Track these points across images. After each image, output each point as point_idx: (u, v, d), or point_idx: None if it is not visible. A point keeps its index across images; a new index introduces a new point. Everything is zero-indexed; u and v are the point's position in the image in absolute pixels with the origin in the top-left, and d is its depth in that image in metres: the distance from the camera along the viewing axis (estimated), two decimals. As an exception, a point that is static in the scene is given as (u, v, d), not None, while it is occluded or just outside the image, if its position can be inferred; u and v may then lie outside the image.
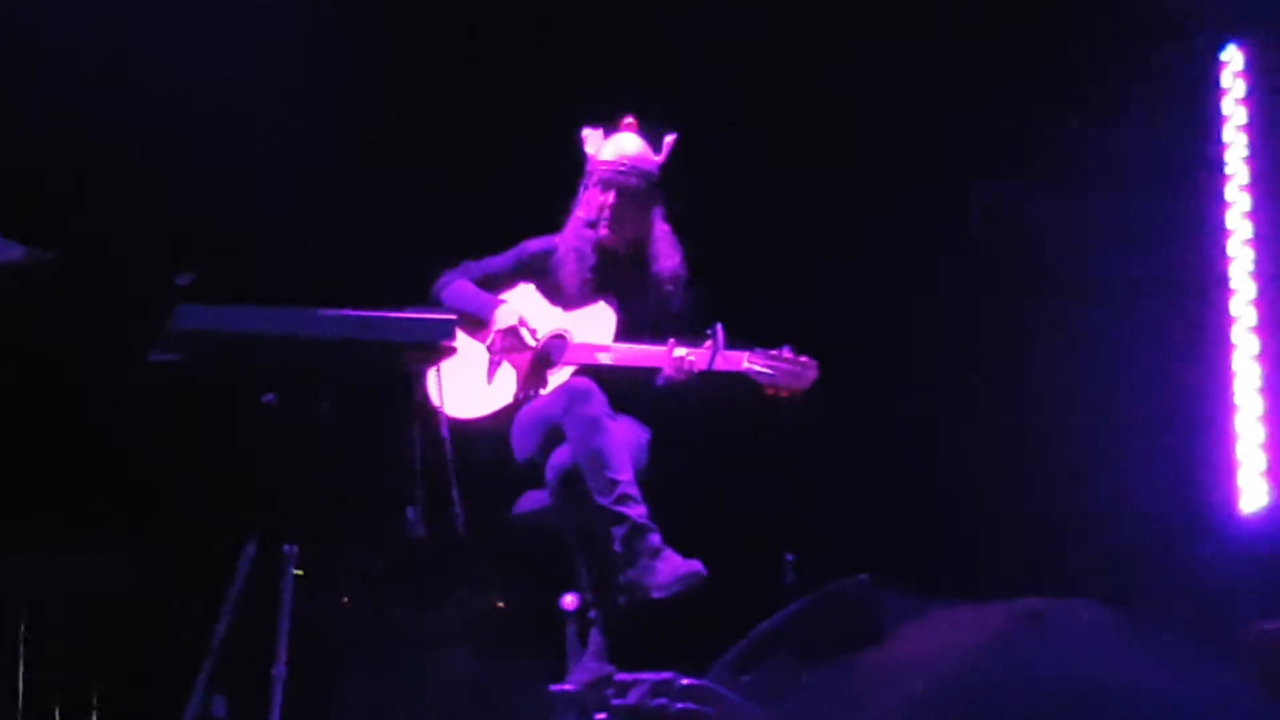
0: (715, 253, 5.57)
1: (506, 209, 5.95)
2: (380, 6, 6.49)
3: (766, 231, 6.58)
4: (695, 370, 5.19)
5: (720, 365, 5.19)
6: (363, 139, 6.37)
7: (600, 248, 5.46)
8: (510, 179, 6.31)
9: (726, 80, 6.50)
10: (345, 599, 5.04)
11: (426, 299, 5.43)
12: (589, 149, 5.50)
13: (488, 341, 5.39)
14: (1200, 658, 3.91)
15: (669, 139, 5.49)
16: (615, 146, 5.49)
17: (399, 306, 4.92)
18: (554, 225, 5.53)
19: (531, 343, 5.38)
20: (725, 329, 5.18)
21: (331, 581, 4.88)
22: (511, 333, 5.37)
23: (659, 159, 5.49)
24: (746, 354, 5.21)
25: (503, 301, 5.43)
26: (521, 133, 6.30)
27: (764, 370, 5.19)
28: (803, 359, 5.21)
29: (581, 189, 5.50)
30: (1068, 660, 3.92)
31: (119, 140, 6.06)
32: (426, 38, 6.50)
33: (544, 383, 5.36)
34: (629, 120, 5.52)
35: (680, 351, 5.20)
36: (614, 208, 5.43)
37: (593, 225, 5.45)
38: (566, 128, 5.57)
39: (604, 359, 5.29)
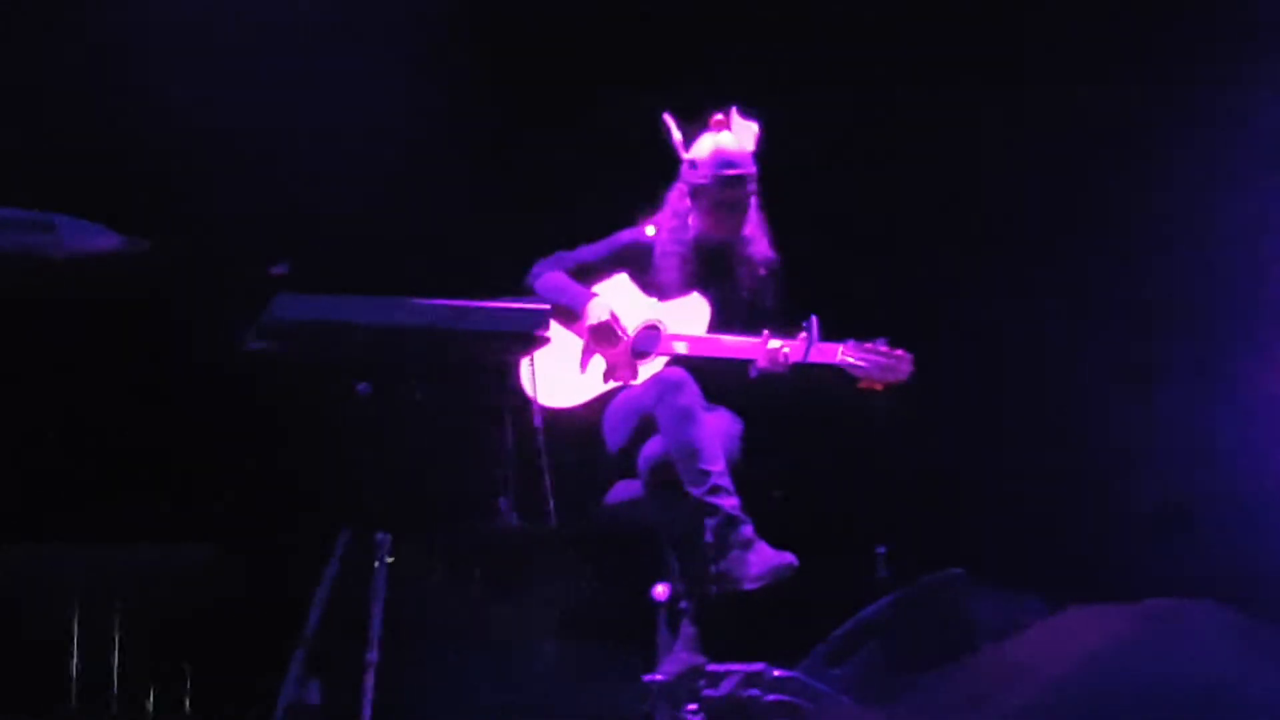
0: (803, 248, 5.56)
1: (598, 200, 5.94)
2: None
3: (856, 224, 6.55)
4: (790, 362, 5.18)
5: (815, 357, 5.18)
6: (458, 127, 6.38)
7: (699, 245, 5.44)
8: (601, 167, 6.30)
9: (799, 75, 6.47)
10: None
11: (520, 289, 5.43)
12: (683, 152, 5.45)
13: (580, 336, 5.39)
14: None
15: (755, 129, 5.46)
16: (714, 147, 5.43)
17: (493, 297, 4.94)
18: (636, 217, 5.51)
19: (624, 336, 5.38)
20: (820, 321, 5.17)
21: (424, 570, 4.90)
22: (604, 329, 5.36)
23: (753, 153, 5.44)
24: (841, 346, 5.20)
25: (594, 295, 5.41)
26: (612, 120, 6.28)
27: (859, 363, 5.18)
28: (898, 352, 5.19)
29: (682, 189, 5.46)
30: (1193, 663, 3.89)
31: (215, 130, 6.10)
32: (518, 25, 6.50)
33: (634, 374, 5.36)
34: (719, 117, 5.47)
35: (775, 344, 5.20)
36: (718, 210, 5.40)
37: (692, 226, 5.42)
38: (650, 115, 5.54)
39: (695, 350, 5.28)
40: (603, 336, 5.36)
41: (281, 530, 5.80)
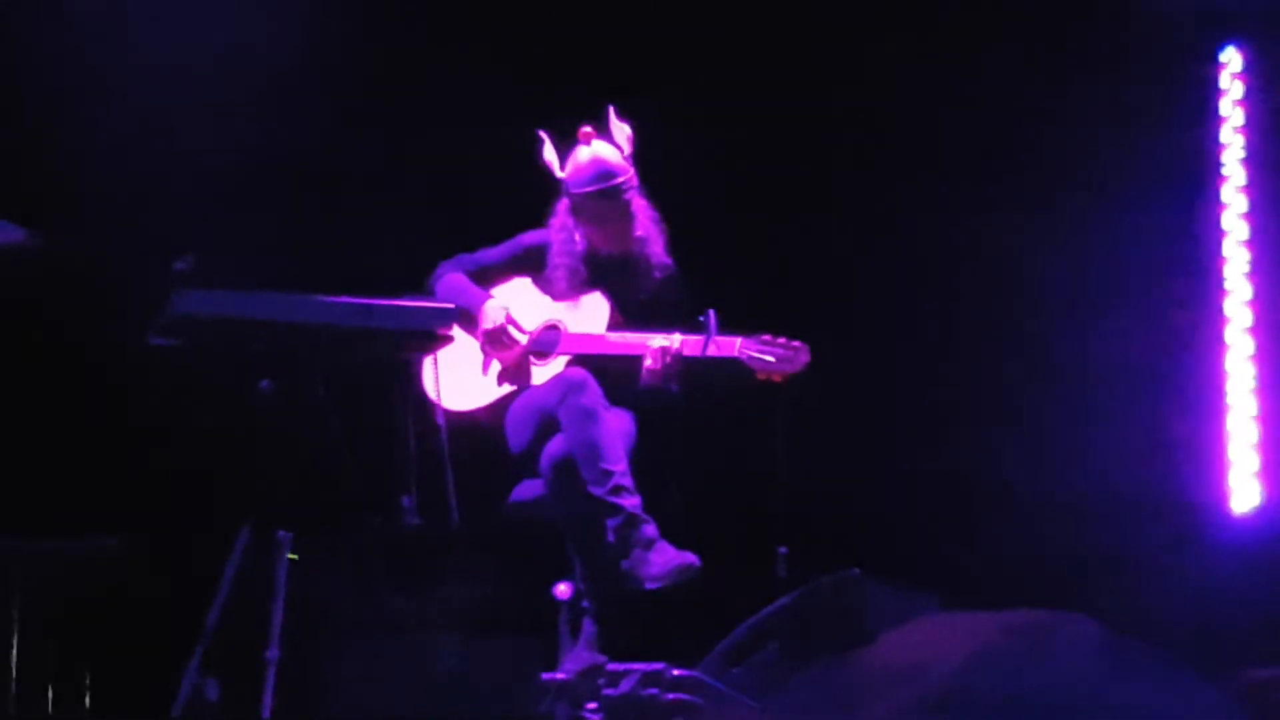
0: (710, 244, 5.57)
1: (505, 201, 5.94)
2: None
3: (762, 224, 6.58)
4: (687, 356, 5.17)
5: (713, 351, 5.17)
6: (365, 129, 6.37)
7: (590, 256, 5.44)
8: (508, 172, 6.30)
9: (713, 69, 6.48)
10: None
11: (422, 290, 5.40)
12: (555, 170, 5.41)
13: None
14: (1191, 678, 3.92)
15: (627, 134, 5.41)
16: (584, 161, 5.39)
17: (395, 297, 4.93)
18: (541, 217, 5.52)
19: (520, 339, 5.37)
20: (718, 316, 5.17)
21: (325, 568, 4.90)
22: (498, 332, 5.35)
23: (627, 158, 5.40)
24: (739, 339, 5.19)
25: (490, 298, 5.40)
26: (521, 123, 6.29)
27: (757, 355, 5.18)
28: (795, 343, 5.19)
29: (565, 204, 5.43)
30: (1058, 678, 3.93)
31: (117, 125, 6.07)
32: (425, 30, 6.50)
33: (527, 377, 5.35)
34: (586, 130, 5.41)
35: (674, 338, 5.18)
36: (601, 223, 5.40)
37: (579, 240, 5.42)
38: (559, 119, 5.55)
39: (593, 348, 5.28)
40: (497, 340, 5.35)
41: (183, 526, 5.78)
